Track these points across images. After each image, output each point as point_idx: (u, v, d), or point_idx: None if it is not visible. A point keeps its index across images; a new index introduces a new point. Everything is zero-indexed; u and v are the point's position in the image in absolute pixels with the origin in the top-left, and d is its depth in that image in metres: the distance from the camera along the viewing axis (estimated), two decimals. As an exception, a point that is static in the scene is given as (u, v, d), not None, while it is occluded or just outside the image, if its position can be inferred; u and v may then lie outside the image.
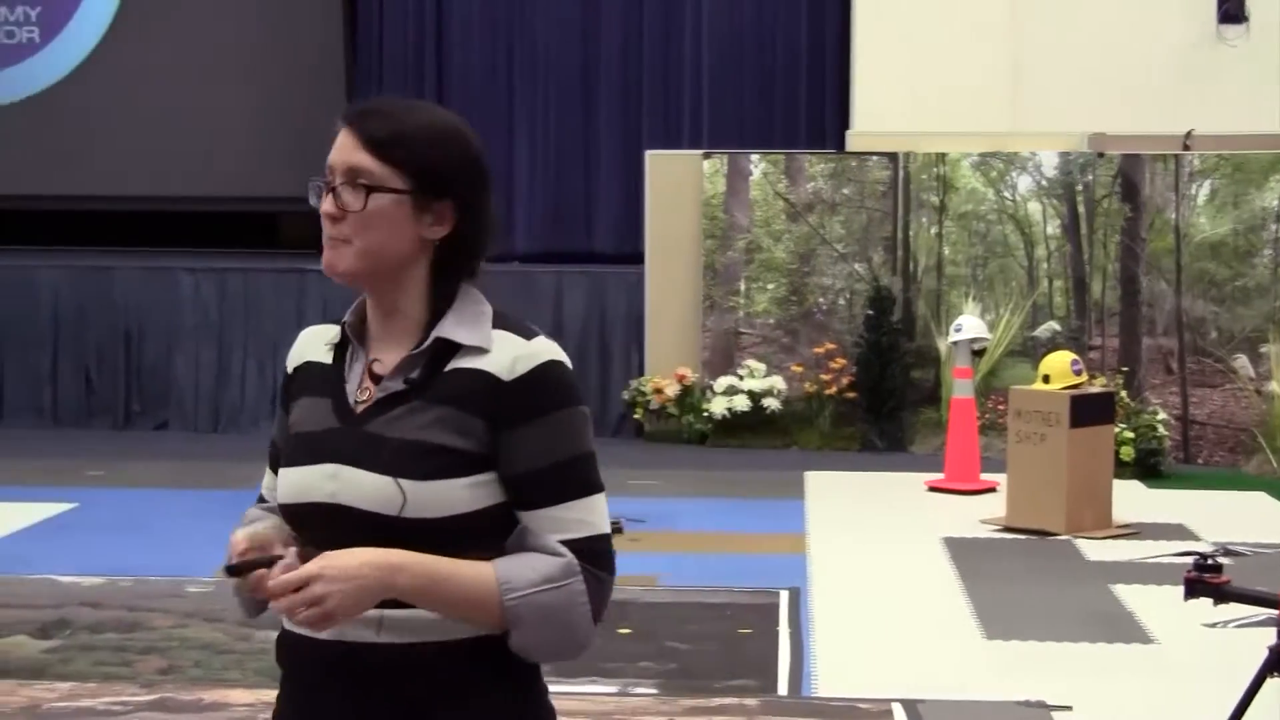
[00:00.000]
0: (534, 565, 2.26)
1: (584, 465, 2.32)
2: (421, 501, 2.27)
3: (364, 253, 2.32)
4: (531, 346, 2.31)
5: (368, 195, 2.31)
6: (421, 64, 13.14)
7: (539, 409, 2.29)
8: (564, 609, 2.25)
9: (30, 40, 14.57)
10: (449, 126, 2.36)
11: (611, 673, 6.19)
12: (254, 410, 12.02)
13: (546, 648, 2.28)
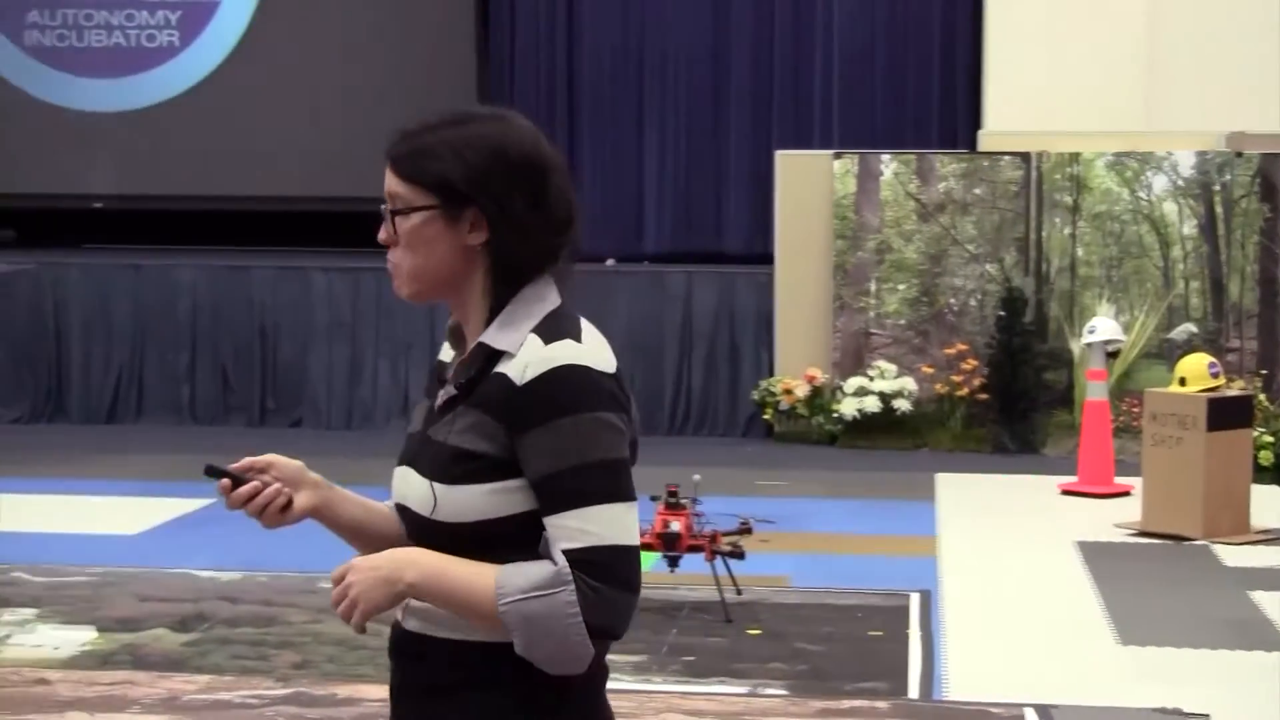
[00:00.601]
0: (529, 572, 2.26)
1: (591, 473, 2.28)
2: (449, 505, 2.33)
3: (413, 275, 2.39)
4: (549, 350, 2.31)
5: (394, 219, 2.38)
6: (552, 64, 13.19)
7: (545, 415, 2.28)
8: (549, 618, 2.24)
9: (170, 44, 14.80)
10: (471, 133, 2.38)
11: (741, 673, 6.19)
12: (386, 408, 12.13)
13: (542, 656, 2.27)
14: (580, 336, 2.36)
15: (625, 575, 2.28)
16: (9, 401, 12.39)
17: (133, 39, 14.83)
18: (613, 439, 2.31)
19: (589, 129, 13.16)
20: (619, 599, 2.27)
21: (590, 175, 13.13)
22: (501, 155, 2.36)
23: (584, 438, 2.28)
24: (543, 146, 2.41)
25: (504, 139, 2.37)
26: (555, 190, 2.40)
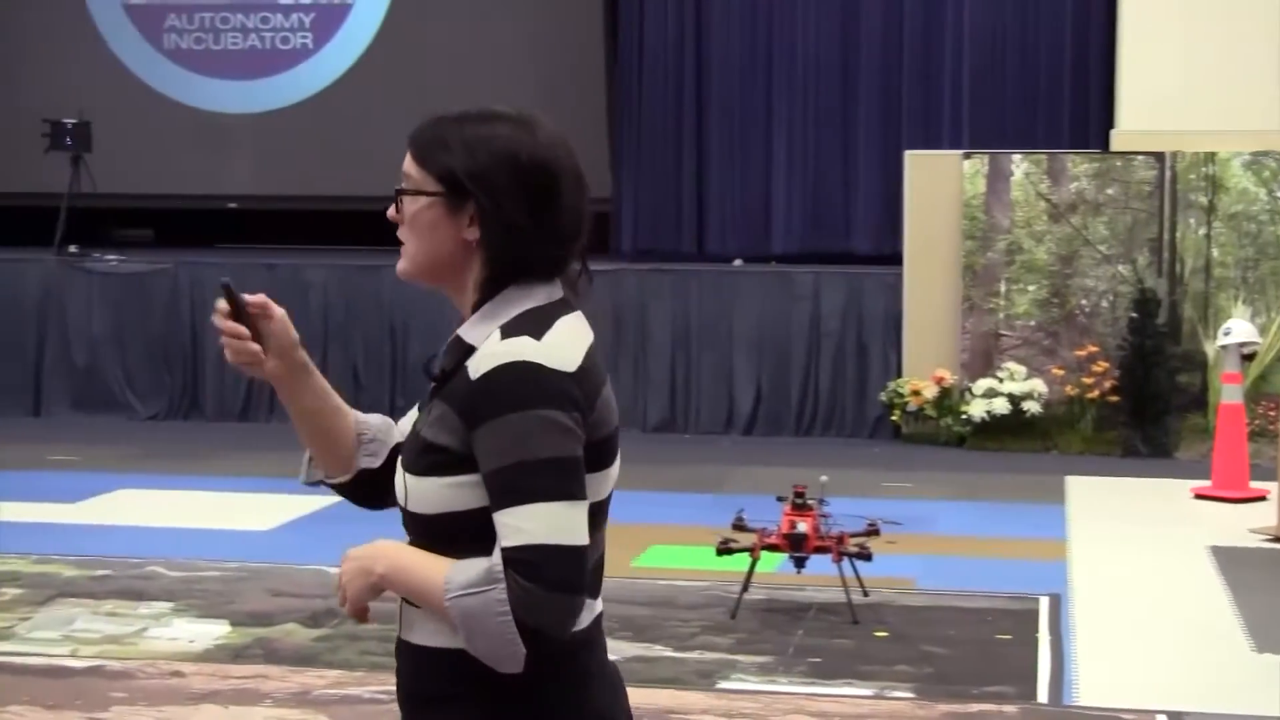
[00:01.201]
0: (469, 569, 2.27)
1: (533, 471, 2.26)
2: (415, 496, 2.37)
3: (413, 255, 2.45)
4: (503, 346, 2.31)
5: (399, 199, 2.44)
6: (681, 64, 13.20)
7: (492, 410, 2.28)
8: (481, 616, 2.24)
9: (304, 46, 14.99)
10: (487, 131, 2.41)
11: (868, 675, 6.17)
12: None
13: (480, 653, 2.27)
14: (543, 334, 2.34)
15: (559, 576, 2.25)
16: (147, 398, 12.60)
17: (267, 41, 15.03)
18: (559, 438, 2.29)
19: (717, 130, 13.15)
20: (551, 600, 2.25)
21: (718, 175, 13.13)
22: (512, 158, 2.38)
23: (528, 435, 2.26)
24: (560, 157, 2.43)
25: (519, 143, 2.40)
26: (564, 202, 2.42)
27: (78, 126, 13.38)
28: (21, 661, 6.27)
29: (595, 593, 2.49)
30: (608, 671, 2.50)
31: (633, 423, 12.08)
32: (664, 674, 6.16)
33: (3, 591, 7.28)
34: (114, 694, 5.87)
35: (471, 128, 2.41)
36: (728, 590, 7.13)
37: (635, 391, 12.12)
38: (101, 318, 12.69)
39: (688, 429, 12.06)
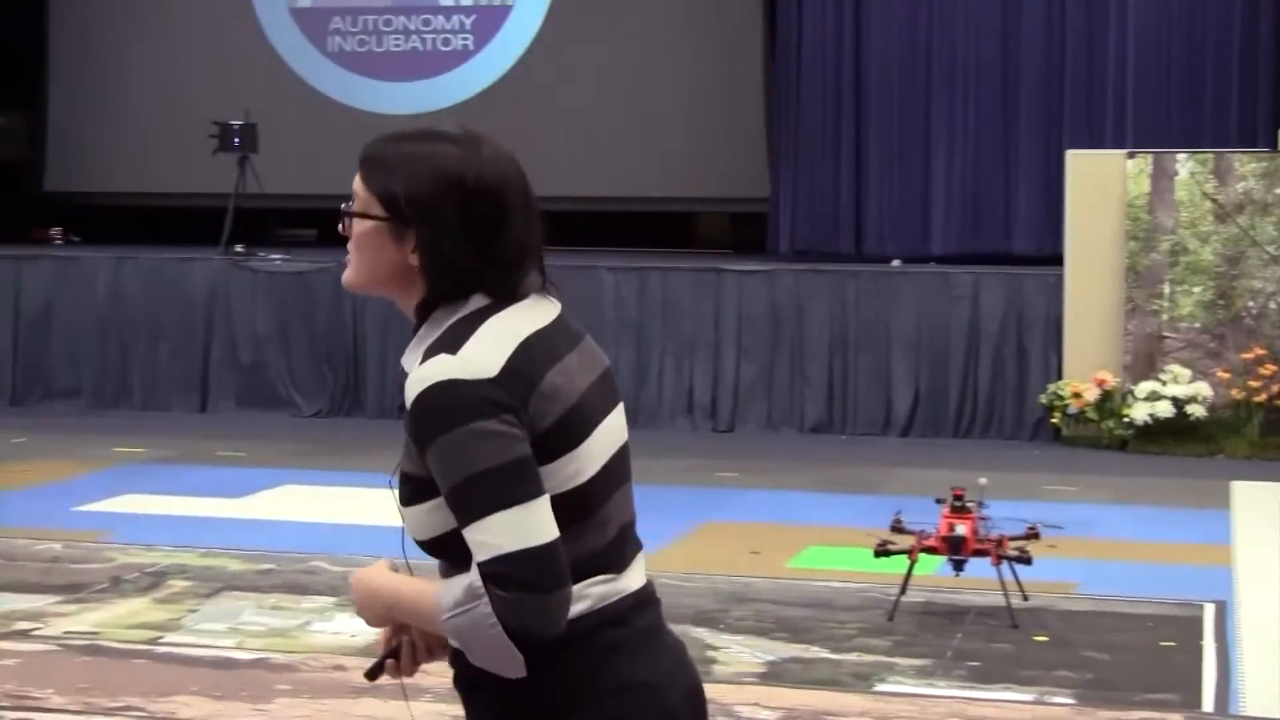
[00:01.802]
0: (454, 589, 2.31)
1: (474, 487, 2.28)
2: (409, 524, 2.42)
3: (358, 270, 2.45)
4: (421, 371, 2.31)
5: (345, 219, 2.45)
6: (840, 63, 13.14)
7: (427, 436, 2.30)
8: (473, 632, 2.29)
9: (465, 47, 15.14)
10: (434, 156, 2.39)
11: (1027, 680, 6.11)
12: (671, 408, 12.24)
13: (484, 663, 2.32)
14: (459, 348, 2.33)
15: (531, 578, 2.27)
16: (310, 396, 12.79)
17: (429, 43, 15.20)
18: (489, 447, 2.28)
19: (876, 130, 13.08)
20: (534, 602, 2.27)
21: (877, 176, 13.06)
22: (457, 182, 2.38)
23: (462, 452, 2.28)
24: (510, 178, 2.43)
25: (464, 168, 2.38)
26: (511, 227, 2.41)
27: (244, 128, 13.62)
28: (189, 653, 6.40)
29: (620, 567, 2.48)
30: (655, 641, 2.49)
31: (789, 423, 12.07)
32: (820, 675, 6.15)
33: (171, 584, 7.44)
34: (278, 686, 5.98)
35: (414, 147, 2.41)
36: (885, 592, 7.09)
37: (792, 392, 12.10)
38: (266, 316, 12.90)
39: (845, 430, 12.01)
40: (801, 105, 13.27)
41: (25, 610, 6.96)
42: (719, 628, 6.73)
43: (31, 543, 8.20)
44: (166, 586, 7.39)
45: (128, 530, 8.53)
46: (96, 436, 11.52)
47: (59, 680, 5.99)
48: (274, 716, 5.66)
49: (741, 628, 6.75)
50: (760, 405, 12.15)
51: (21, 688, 5.88)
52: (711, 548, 8.32)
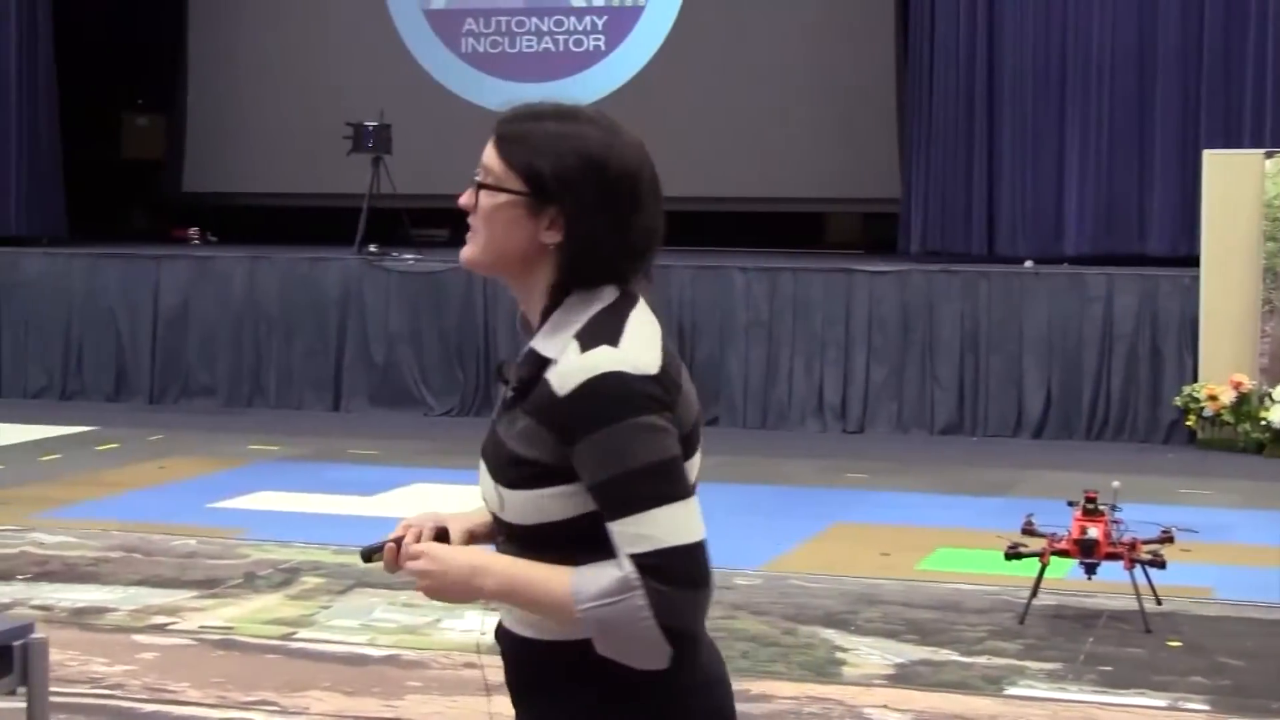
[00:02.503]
0: (599, 578, 2.28)
1: (639, 479, 2.27)
2: (512, 508, 2.38)
3: (484, 246, 2.43)
4: (585, 360, 2.30)
5: (478, 191, 2.42)
6: (973, 62, 13.03)
7: (586, 427, 2.28)
8: (623, 623, 2.27)
9: (597, 48, 15.21)
10: (575, 133, 2.39)
11: (1161, 686, 6.04)
12: (801, 408, 12.21)
13: (624, 657, 2.30)
14: (619, 339, 2.33)
15: (691, 574, 2.29)
16: (441, 395, 12.89)
17: (560, 44, 15.29)
18: (656, 441, 2.29)
19: (1009, 129, 12.95)
20: (688, 597, 2.29)
21: (1010, 175, 12.94)
22: (599, 166, 2.38)
23: (626, 446, 2.27)
24: (644, 168, 2.43)
25: (607, 150, 2.39)
26: (643, 215, 2.41)
27: (378, 129, 13.76)
28: (322, 649, 6.48)
29: None
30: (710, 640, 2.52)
31: (920, 424, 12.00)
32: (950, 678, 6.11)
33: (304, 580, 7.53)
34: (409, 683, 6.03)
35: (557, 126, 2.40)
36: (1016, 595, 7.04)
37: (922, 393, 12.03)
38: (398, 316, 13.03)
39: (975, 431, 11.93)
40: (934, 104, 13.18)
41: (162, 605, 7.08)
42: (848, 629, 6.71)
43: (168, 538, 8.34)
44: (299, 583, 7.49)
45: (261, 527, 8.65)
46: (231, 434, 11.69)
47: (194, 674, 6.08)
48: (404, 713, 5.71)
49: (870, 629, 6.73)
50: (890, 406, 12.10)
51: (159, 681, 5.98)
52: (841, 549, 8.30)
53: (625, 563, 2.27)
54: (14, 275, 13.65)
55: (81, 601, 7.08)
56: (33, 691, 3.14)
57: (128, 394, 13.39)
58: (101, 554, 7.95)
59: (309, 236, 14.64)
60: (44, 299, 13.53)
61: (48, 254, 13.93)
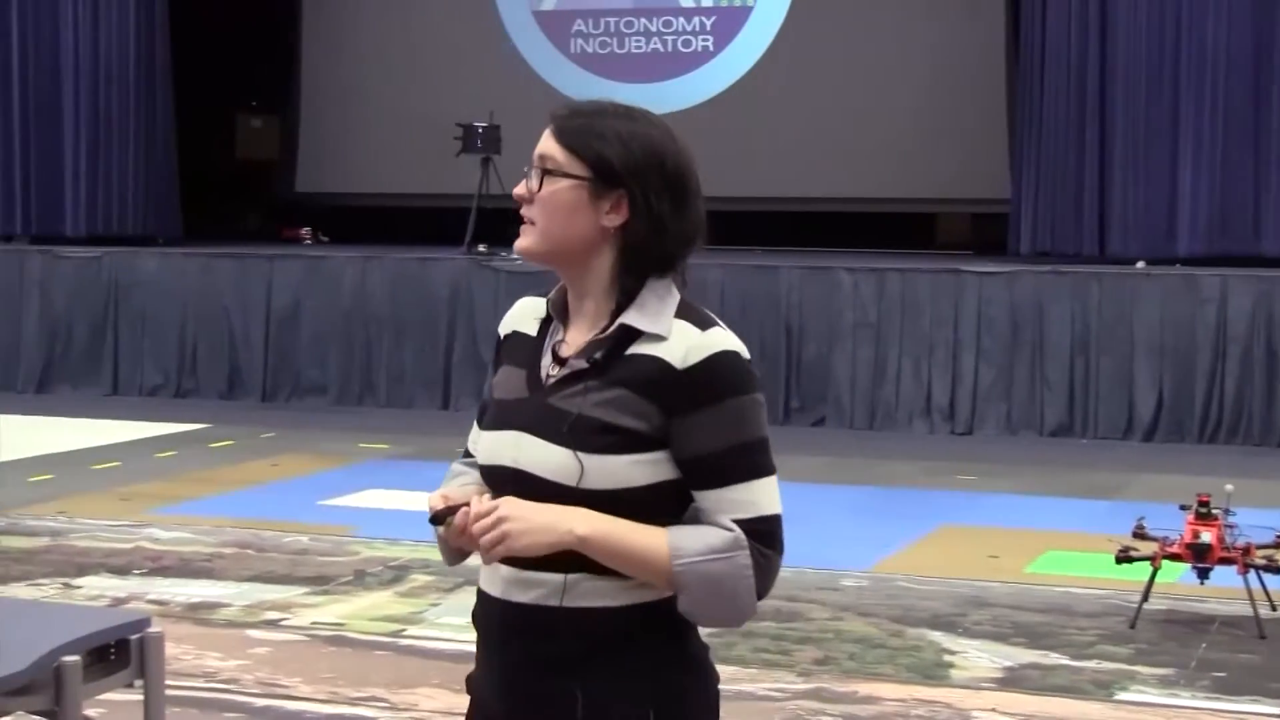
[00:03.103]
0: (704, 536, 2.42)
1: (753, 450, 2.45)
2: (597, 474, 2.44)
3: (545, 234, 2.52)
4: (706, 338, 2.46)
5: (544, 178, 2.50)
6: (1084, 62, 12.91)
7: (710, 397, 2.43)
8: (729, 579, 2.41)
9: (705, 49, 15.22)
10: (639, 130, 2.52)
11: (1275, 693, 5.96)
12: (909, 408, 12.15)
13: (710, 614, 2.45)
14: (715, 324, 2.50)
15: (780, 542, 2.47)
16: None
17: (669, 45, 15.31)
18: (762, 418, 2.48)
19: (1121, 129, 12.81)
20: (776, 564, 2.46)
21: (1121, 175, 12.80)
22: (659, 159, 2.50)
23: (745, 418, 2.45)
24: (694, 167, 2.55)
25: (665, 147, 2.52)
26: (693, 209, 2.53)
27: (488, 130, 13.84)
28: (431, 645, 6.52)
29: None
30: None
31: (1029, 425, 11.91)
32: (1059, 682, 6.06)
33: (413, 578, 7.59)
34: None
35: (620, 123, 2.52)
36: (1127, 599, 6.97)
37: (1031, 394, 11.93)
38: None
39: (1085, 433, 11.82)
40: (1044, 103, 13.07)
41: (274, 601, 7.16)
42: (956, 632, 6.67)
43: (279, 535, 8.44)
44: (409, 580, 7.55)
45: (371, 525, 8.73)
46: (342, 433, 11.80)
47: (306, 669, 6.15)
48: None
49: (979, 632, 6.69)
50: (999, 407, 12.01)
51: (271, 676, 6.05)
52: (949, 551, 8.26)
53: (732, 525, 2.42)
54: (131, 275, 13.86)
55: (196, 597, 7.18)
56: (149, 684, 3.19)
57: (241, 392, 13.55)
58: (215, 550, 8.06)
59: (419, 236, 14.75)
60: (160, 298, 13.72)
61: (163, 254, 14.13)
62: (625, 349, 2.48)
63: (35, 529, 8.49)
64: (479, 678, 2.60)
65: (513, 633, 2.50)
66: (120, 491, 9.58)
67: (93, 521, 8.69)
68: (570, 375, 2.51)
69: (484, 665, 2.58)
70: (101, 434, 11.67)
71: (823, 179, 14.63)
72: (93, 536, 8.33)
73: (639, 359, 2.46)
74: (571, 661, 2.47)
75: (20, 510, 8.96)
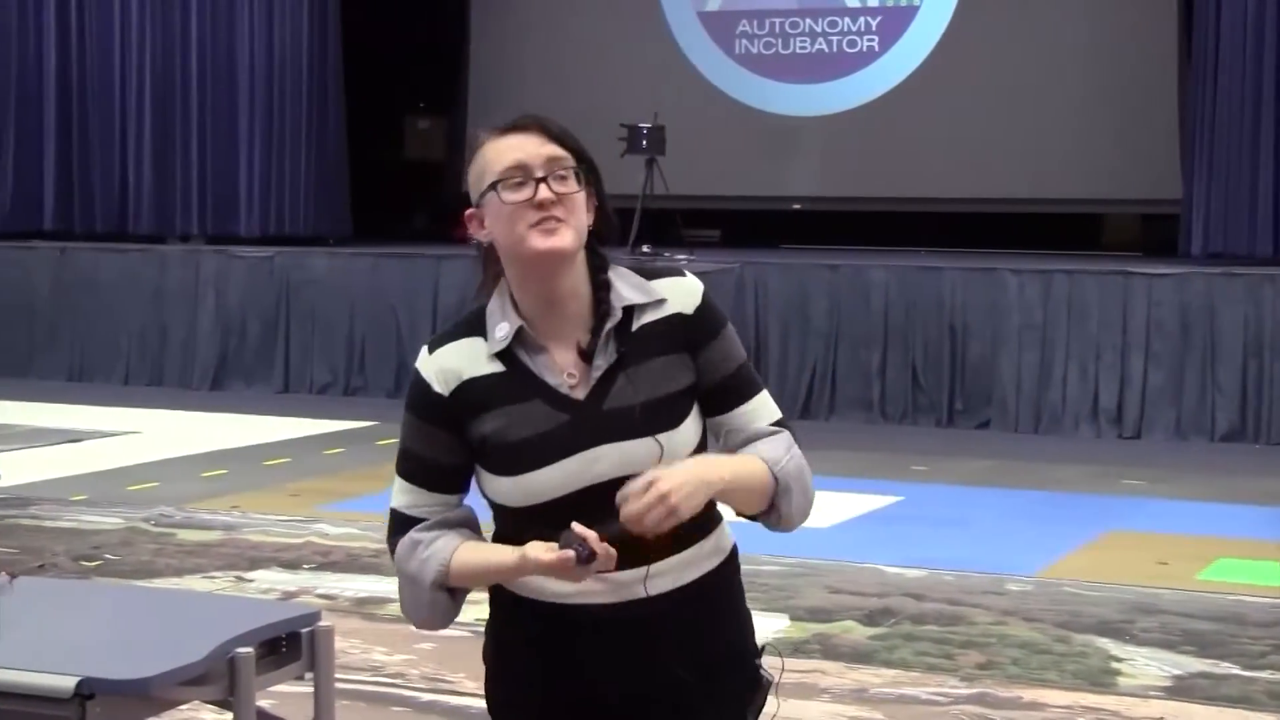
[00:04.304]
0: (773, 444, 2.68)
1: (750, 366, 2.76)
2: (674, 446, 2.61)
3: (577, 232, 2.65)
4: (689, 282, 2.73)
5: (575, 178, 2.65)
6: (1260, 61, 12.63)
7: (716, 327, 2.72)
8: (804, 469, 2.69)
9: (870, 49, 15.14)
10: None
11: None
12: (1074, 412, 11.99)
13: (800, 508, 2.68)
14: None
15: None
16: (711, 394, 12.95)
17: (834, 45, 15.26)
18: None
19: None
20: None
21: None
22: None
23: (736, 340, 2.77)
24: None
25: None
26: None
27: (653, 130, 13.89)
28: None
29: None
30: None
31: (1199, 431, 11.70)
32: (1231, 693, 5.96)
33: (576, 576, 7.63)
34: (679, 679, 6.07)
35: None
36: (1300, 609, 6.85)
37: (1202, 398, 11.73)
38: (670, 315, 13.10)
39: (1259, 439, 11.59)
40: (1218, 102, 12.82)
41: (440, 596, 7.23)
42: (1124, 639, 6.58)
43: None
44: (572, 578, 7.59)
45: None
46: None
47: (470, 666, 6.16)
48: None
49: (1148, 640, 6.59)
50: (1169, 412, 11.82)
51: (436, 671, 6.12)
52: (1116, 557, 8.15)
53: (775, 428, 2.71)
54: (301, 275, 14.09)
55: (364, 592, 7.28)
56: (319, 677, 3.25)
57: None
58: (382, 545, 8.13)
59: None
60: (329, 298, 13.94)
61: (333, 254, 14.35)
62: (629, 327, 2.65)
63: (209, 523, 8.67)
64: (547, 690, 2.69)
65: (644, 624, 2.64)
66: (290, 487, 9.75)
67: (264, 516, 8.85)
68: (604, 376, 2.62)
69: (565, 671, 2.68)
70: (272, 431, 11.89)
71: (988, 179, 14.49)
72: (264, 531, 8.49)
73: (653, 326, 2.67)
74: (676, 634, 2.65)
75: (195, 504, 9.16)
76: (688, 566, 2.67)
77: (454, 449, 2.67)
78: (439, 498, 2.72)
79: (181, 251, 14.73)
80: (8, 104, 15.64)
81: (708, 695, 2.70)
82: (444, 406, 2.67)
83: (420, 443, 2.71)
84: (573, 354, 2.64)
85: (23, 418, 12.29)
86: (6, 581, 3.41)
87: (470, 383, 2.66)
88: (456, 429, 2.66)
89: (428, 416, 2.69)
